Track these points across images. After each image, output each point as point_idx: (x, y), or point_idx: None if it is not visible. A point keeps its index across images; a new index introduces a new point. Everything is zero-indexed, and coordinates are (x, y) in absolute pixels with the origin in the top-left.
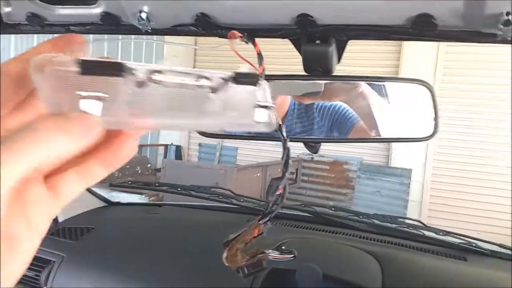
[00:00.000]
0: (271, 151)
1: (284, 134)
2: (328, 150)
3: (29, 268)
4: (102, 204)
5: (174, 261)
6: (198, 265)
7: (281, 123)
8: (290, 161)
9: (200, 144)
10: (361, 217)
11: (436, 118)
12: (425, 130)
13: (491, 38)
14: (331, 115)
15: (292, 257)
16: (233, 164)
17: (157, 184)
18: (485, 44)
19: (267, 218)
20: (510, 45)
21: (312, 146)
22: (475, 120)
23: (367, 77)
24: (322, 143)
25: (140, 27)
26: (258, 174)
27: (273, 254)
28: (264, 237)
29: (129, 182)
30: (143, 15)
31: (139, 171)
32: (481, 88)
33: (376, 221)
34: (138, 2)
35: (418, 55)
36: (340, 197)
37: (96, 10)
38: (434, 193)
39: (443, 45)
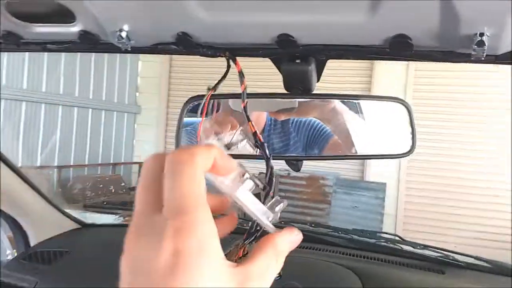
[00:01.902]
0: (252, 167)
1: (267, 152)
2: (305, 165)
3: None
4: (75, 226)
5: None
6: None
7: (263, 141)
8: (274, 179)
9: None
10: (340, 232)
11: (413, 135)
12: (402, 147)
13: (465, 58)
14: (307, 130)
15: (278, 277)
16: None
17: (130, 204)
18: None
19: (252, 238)
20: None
21: (294, 164)
22: (446, 134)
23: (346, 95)
24: (308, 160)
25: (120, 45)
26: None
27: None
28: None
29: (104, 203)
30: (123, 34)
31: (113, 190)
32: (452, 102)
33: (355, 237)
34: (118, 21)
35: (389, 71)
36: (317, 212)
37: (74, 29)
38: (408, 206)
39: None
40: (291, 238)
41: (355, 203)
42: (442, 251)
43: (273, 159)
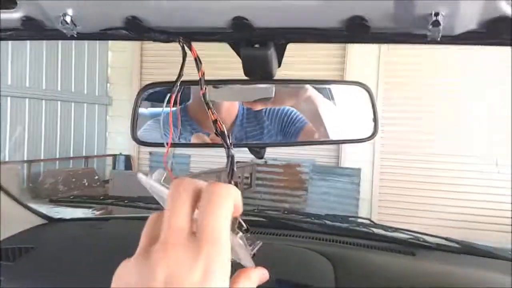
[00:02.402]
0: (224, 156)
1: (228, 141)
2: (281, 153)
3: None
4: (42, 221)
5: None
6: None
7: (224, 130)
8: (235, 168)
9: (150, 153)
10: (313, 218)
11: (375, 119)
12: (366, 131)
13: (422, 39)
14: (280, 118)
15: (260, 244)
16: (186, 172)
17: (101, 198)
18: (416, 44)
19: None
20: (438, 45)
21: (257, 151)
22: (418, 118)
23: (308, 80)
24: (275, 147)
25: (65, 31)
26: (212, 181)
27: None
28: None
29: (71, 197)
30: (67, 19)
31: (86, 184)
32: (424, 86)
33: (328, 222)
34: (60, 4)
35: (361, 56)
36: (294, 199)
37: (16, 15)
38: (383, 191)
39: (384, 45)
40: (262, 273)
41: (331, 188)
42: (412, 233)
43: (235, 146)
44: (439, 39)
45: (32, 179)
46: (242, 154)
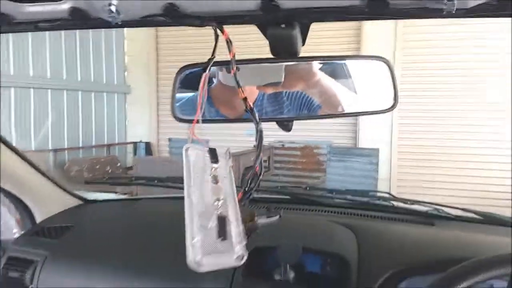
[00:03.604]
0: (243, 141)
1: (256, 116)
2: (299, 135)
3: (13, 269)
4: (78, 202)
5: (159, 252)
6: (182, 253)
7: (252, 107)
8: (262, 140)
9: (170, 139)
10: (334, 193)
11: (395, 91)
12: (386, 103)
13: (438, 13)
14: (297, 97)
15: (278, 217)
16: None
17: (133, 178)
18: (432, 18)
19: (247, 196)
20: (455, 18)
21: (285, 125)
22: (436, 95)
23: (331, 56)
24: (299, 120)
25: (110, 20)
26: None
27: (261, 220)
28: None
29: (105, 178)
30: (113, 8)
31: (109, 170)
32: (442, 61)
33: (349, 196)
34: None
35: (377, 32)
36: (313, 181)
37: (64, 6)
38: (401, 170)
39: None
40: None
41: (349, 169)
42: (431, 205)
43: (264, 121)
44: (454, 12)
45: (58, 167)
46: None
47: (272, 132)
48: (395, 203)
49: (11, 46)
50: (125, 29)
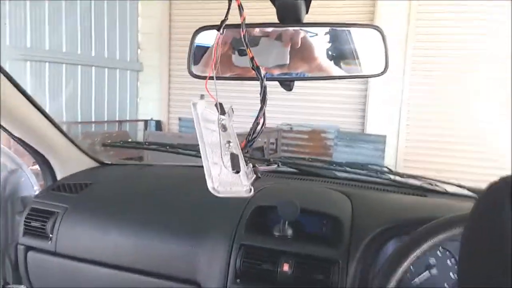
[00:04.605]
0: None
1: (262, 74)
2: (306, 119)
3: (35, 219)
4: (96, 164)
5: (170, 210)
6: (194, 209)
7: (258, 65)
8: (267, 97)
9: (180, 119)
10: (334, 165)
11: (386, 57)
12: (378, 68)
13: None
14: (300, 60)
15: (276, 166)
16: None
17: (146, 143)
18: None
19: (250, 144)
20: None
21: (287, 84)
22: (445, 83)
23: (330, 23)
24: (300, 81)
25: None
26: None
27: (262, 166)
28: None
29: (121, 142)
30: None
31: None
32: (453, 48)
33: (348, 168)
34: None
35: (391, 13)
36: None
37: None
38: (408, 157)
39: (415, 3)
40: None
41: (355, 155)
42: (426, 179)
43: (267, 80)
44: None
45: None
46: (269, 121)
47: (281, 115)
48: (392, 176)
49: (28, 20)
50: (140, 6)
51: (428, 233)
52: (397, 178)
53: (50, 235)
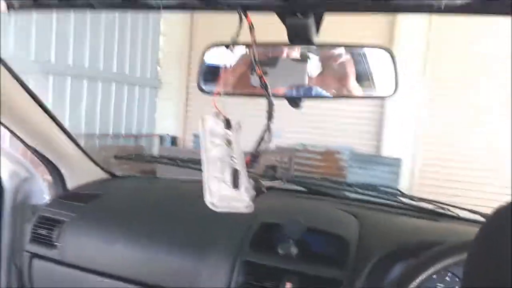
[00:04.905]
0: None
1: (269, 91)
2: (320, 140)
3: (42, 227)
4: (107, 176)
5: (177, 224)
6: (200, 224)
7: (267, 83)
8: (273, 113)
9: (195, 135)
10: (344, 185)
11: (396, 78)
12: (388, 89)
13: (430, 9)
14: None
15: (281, 182)
16: None
17: (157, 157)
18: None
19: (255, 159)
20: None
21: (295, 102)
22: (467, 103)
23: (340, 44)
24: (309, 99)
25: (153, 3)
26: None
27: (266, 182)
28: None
29: (133, 156)
30: None
31: None
32: (474, 69)
33: (357, 189)
34: None
35: (410, 35)
36: None
37: None
38: (424, 181)
39: (435, 26)
40: None
41: (369, 177)
42: (438, 204)
43: (276, 97)
44: (442, 8)
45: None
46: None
47: (295, 135)
48: (403, 199)
49: (53, 35)
50: (162, 25)
51: (435, 257)
52: (408, 201)
53: (56, 244)
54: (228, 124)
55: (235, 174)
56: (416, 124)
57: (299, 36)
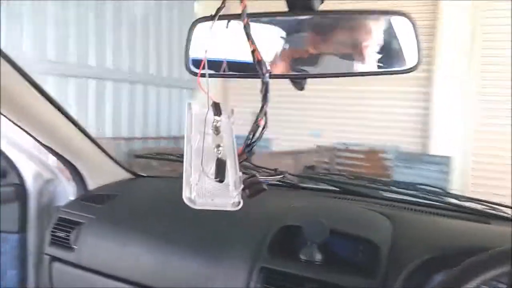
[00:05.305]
0: (305, 140)
1: (264, 69)
2: (362, 138)
3: (59, 229)
4: (130, 176)
5: (196, 224)
6: (217, 226)
7: (262, 59)
8: (268, 94)
9: None
10: (379, 184)
11: (418, 49)
12: (409, 62)
13: None
14: (312, 54)
15: (282, 176)
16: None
17: (178, 156)
18: None
19: (249, 149)
20: None
21: (297, 82)
22: None
23: (346, 11)
24: (313, 78)
25: None
26: (289, 161)
27: (263, 176)
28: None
29: (155, 154)
30: None
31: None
32: None
33: (394, 188)
34: None
35: (454, 20)
36: None
37: None
38: (477, 181)
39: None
40: None
41: (416, 177)
42: (488, 204)
43: (274, 77)
44: None
45: (130, 154)
46: (322, 139)
47: (335, 134)
48: (447, 199)
49: (93, 40)
50: None
51: (481, 265)
52: (454, 201)
53: (74, 246)
54: (217, 110)
55: (220, 165)
56: (466, 118)
57: (299, 3)
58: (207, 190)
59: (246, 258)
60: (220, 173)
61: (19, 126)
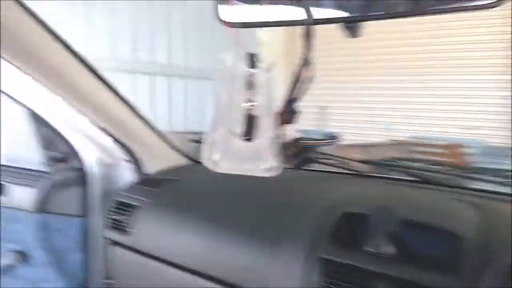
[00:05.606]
0: (378, 135)
1: (309, 13)
2: (442, 132)
3: (118, 213)
4: (190, 162)
5: (251, 211)
6: (272, 213)
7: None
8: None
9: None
10: (461, 172)
11: None
12: None
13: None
14: None
15: (335, 140)
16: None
17: None
18: None
19: (291, 105)
20: None
21: (351, 27)
22: None
23: None
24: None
25: None
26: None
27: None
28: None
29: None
30: None
31: None
32: None
33: (476, 175)
34: None
35: None
36: None
37: None
38: None
39: None
40: None
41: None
42: None
43: (318, 23)
44: None
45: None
46: (396, 133)
47: (409, 127)
48: None
49: (158, 39)
50: None
51: None
52: None
53: (130, 230)
54: (252, 62)
55: (250, 122)
56: None
57: None
58: (234, 152)
59: (302, 248)
60: (249, 132)
61: (78, 110)
